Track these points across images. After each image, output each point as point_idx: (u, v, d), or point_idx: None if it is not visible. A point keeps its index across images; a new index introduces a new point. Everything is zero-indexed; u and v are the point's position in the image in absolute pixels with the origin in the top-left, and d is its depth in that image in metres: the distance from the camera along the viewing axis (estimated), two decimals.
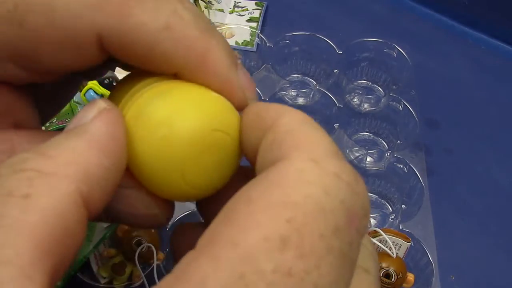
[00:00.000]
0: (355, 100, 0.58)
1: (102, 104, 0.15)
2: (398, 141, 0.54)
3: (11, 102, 0.17)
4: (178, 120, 0.15)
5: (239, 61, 0.18)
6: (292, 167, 0.13)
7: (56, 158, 0.13)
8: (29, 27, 0.14)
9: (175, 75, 0.17)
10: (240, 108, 0.17)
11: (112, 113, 0.14)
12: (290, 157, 0.13)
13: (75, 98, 0.55)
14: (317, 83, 0.60)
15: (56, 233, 0.12)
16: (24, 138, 0.17)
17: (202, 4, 0.67)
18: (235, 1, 0.71)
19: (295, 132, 0.14)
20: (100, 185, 0.13)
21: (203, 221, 0.18)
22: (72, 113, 0.51)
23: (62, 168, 0.13)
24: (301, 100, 0.58)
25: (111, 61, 0.18)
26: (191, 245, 0.14)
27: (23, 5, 0.14)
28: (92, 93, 0.52)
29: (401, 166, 0.52)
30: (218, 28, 0.66)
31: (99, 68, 0.18)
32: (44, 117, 0.20)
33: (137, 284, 0.42)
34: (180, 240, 0.18)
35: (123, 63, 0.18)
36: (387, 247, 0.42)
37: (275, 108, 0.15)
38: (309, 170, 0.12)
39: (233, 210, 0.12)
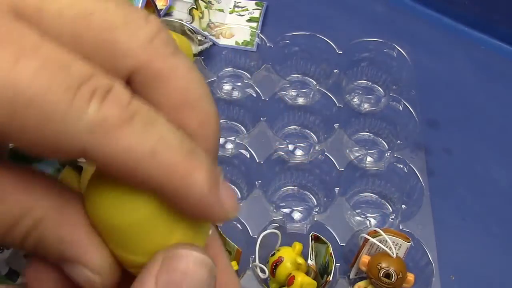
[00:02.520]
0: (355, 100, 0.58)
1: None
2: (398, 141, 0.54)
3: None
4: None
5: (221, 178, 0.18)
6: None
7: None
8: (19, 120, 0.14)
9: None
10: (219, 222, 0.19)
11: None
12: None
13: None
14: (317, 83, 0.60)
15: None
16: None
17: (202, 4, 0.67)
18: (235, 1, 0.71)
19: None
20: None
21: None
22: None
23: None
24: (301, 100, 0.58)
25: None
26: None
27: (23, 101, 0.14)
28: None
29: (401, 166, 0.52)
30: (218, 28, 0.66)
31: None
32: None
33: None
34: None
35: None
36: (387, 247, 0.42)
37: None
38: None
39: None
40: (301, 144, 0.54)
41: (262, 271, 0.43)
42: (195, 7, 0.65)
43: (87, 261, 0.17)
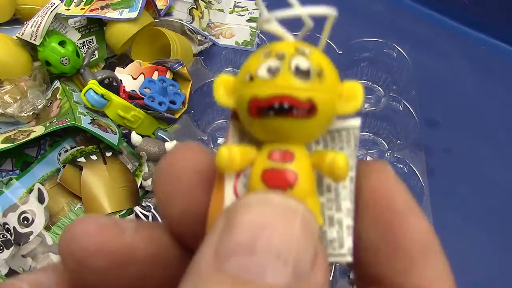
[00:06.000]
0: None
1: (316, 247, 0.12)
2: (398, 141, 0.54)
3: None
4: None
5: None
6: None
7: None
8: None
9: None
10: None
11: (324, 257, 0.12)
12: None
13: (75, 98, 0.55)
14: None
15: None
16: None
17: (202, 4, 0.67)
18: (235, 1, 0.71)
19: None
20: None
21: None
22: (73, 113, 0.51)
23: None
24: None
25: None
26: None
27: None
28: (92, 93, 0.52)
29: (401, 166, 0.52)
30: (218, 28, 0.66)
31: None
32: None
33: None
34: None
35: None
36: None
37: None
38: None
39: None
40: None
41: None
42: (195, 7, 0.65)
43: None
